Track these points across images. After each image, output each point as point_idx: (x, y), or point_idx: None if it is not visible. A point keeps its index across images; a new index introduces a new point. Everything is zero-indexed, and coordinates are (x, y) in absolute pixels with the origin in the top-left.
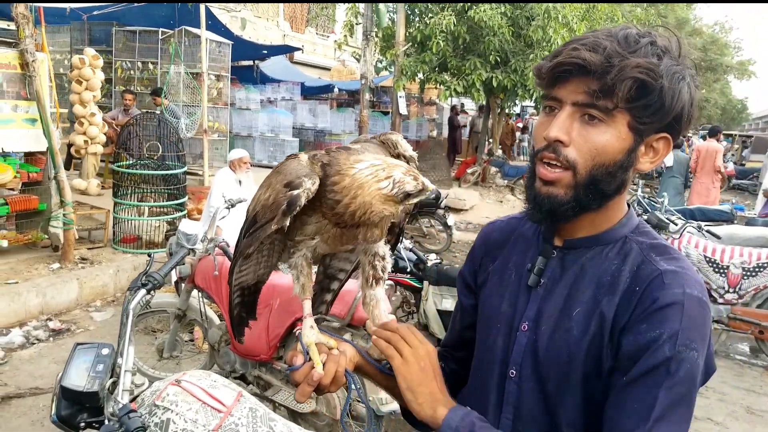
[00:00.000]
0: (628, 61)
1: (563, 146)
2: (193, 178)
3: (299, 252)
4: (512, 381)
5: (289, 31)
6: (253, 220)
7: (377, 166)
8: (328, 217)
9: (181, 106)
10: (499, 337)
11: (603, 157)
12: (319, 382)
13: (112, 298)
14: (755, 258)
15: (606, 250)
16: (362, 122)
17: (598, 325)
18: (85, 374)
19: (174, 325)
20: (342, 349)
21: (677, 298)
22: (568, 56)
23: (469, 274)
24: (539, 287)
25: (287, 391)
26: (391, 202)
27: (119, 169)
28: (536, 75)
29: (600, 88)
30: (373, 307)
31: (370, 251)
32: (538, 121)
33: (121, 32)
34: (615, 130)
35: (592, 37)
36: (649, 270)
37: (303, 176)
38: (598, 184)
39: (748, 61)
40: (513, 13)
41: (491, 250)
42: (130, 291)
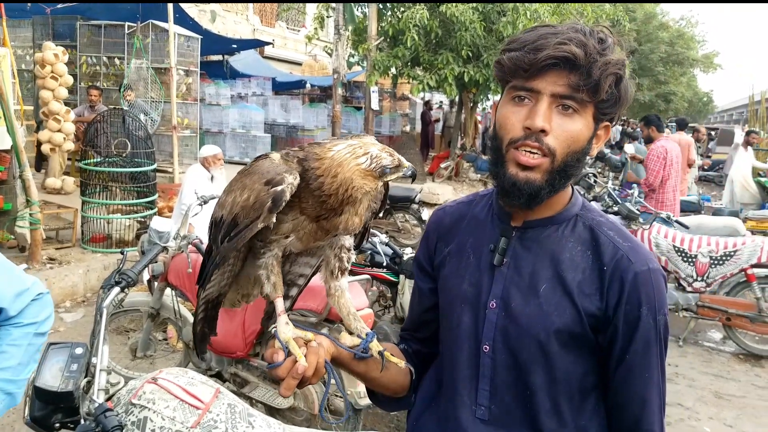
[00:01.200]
0: (607, 57)
1: (544, 135)
2: (163, 176)
3: (270, 252)
4: (486, 355)
5: (259, 25)
6: (232, 224)
7: (354, 145)
8: (307, 212)
9: (149, 102)
10: (464, 315)
11: (576, 145)
12: (303, 374)
13: (82, 298)
14: (722, 247)
15: (561, 228)
16: (335, 118)
17: (567, 300)
18: (59, 374)
19: (147, 324)
20: (318, 341)
21: (646, 276)
22: (559, 50)
23: (425, 259)
24: (503, 266)
25: (264, 388)
26: (371, 177)
27: (86, 167)
28: (511, 65)
29: (585, 82)
30: (338, 297)
31: (337, 244)
32: (505, 109)
33: (85, 27)
34: (585, 120)
35: (569, 32)
36: (611, 249)
37: (283, 172)
38: (568, 170)
39: (713, 54)
40: (485, 8)
41: (444, 234)
42: (103, 289)
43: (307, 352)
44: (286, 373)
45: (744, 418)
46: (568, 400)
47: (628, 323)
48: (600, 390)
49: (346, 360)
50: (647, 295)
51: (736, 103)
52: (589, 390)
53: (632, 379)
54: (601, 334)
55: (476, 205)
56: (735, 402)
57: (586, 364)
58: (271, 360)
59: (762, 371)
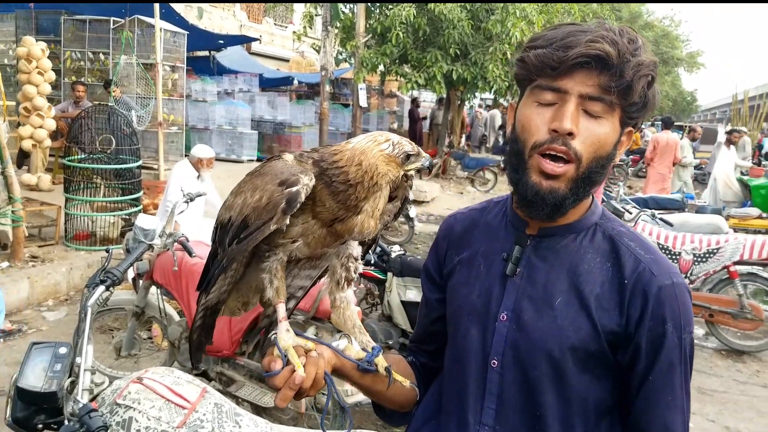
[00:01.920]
0: (640, 58)
1: (571, 138)
2: (148, 173)
3: (275, 256)
4: (494, 371)
5: (246, 21)
6: (242, 226)
7: (373, 134)
8: (321, 216)
9: (135, 98)
10: (472, 327)
11: (601, 150)
12: (300, 385)
13: (65, 296)
14: (705, 244)
15: (579, 237)
16: (323, 114)
17: (584, 315)
18: (43, 374)
19: (132, 323)
20: (319, 351)
21: (670, 290)
22: (591, 48)
23: (434, 268)
24: (516, 276)
25: (251, 387)
26: (394, 164)
27: (70, 163)
28: (538, 63)
29: (617, 83)
30: (344, 309)
31: (344, 252)
32: (528, 110)
33: (70, 21)
34: (612, 124)
35: (600, 30)
36: (632, 262)
37: (298, 173)
38: (592, 176)
39: (697, 53)
40: (473, 7)
41: (455, 241)
42: (88, 288)
43: (306, 362)
44: (283, 382)
45: (726, 413)
46: (581, 423)
47: (652, 341)
48: (616, 412)
49: (349, 372)
50: (672, 311)
51: (719, 102)
52: (604, 412)
53: (655, 403)
54: (621, 352)
55: (489, 212)
56: (717, 397)
57: (602, 384)
58: (269, 368)
59: (743, 367)
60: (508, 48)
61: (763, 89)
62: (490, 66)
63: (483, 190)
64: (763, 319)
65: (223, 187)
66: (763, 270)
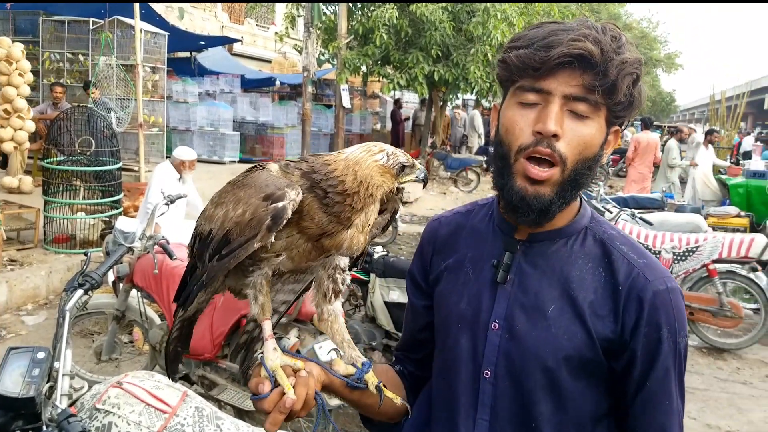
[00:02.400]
0: (624, 56)
1: (555, 140)
2: (129, 174)
3: (259, 270)
4: (487, 381)
5: (227, 22)
6: (223, 241)
7: (367, 145)
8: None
9: (114, 99)
10: (462, 336)
11: (588, 152)
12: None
13: (44, 300)
14: (684, 243)
15: (570, 242)
16: (305, 115)
17: (578, 323)
18: (20, 380)
19: (112, 327)
20: (308, 369)
21: (665, 296)
22: (573, 47)
23: (419, 273)
24: (506, 283)
25: (233, 390)
26: (389, 175)
27: (49, 165)
28: (519, 64)
29: (601, 82)
30: (332, 322)
31: (331, 264)
32: (511, 112)
33: (48, 22)
34: (597, 124)
35: (582, 29)
36: (625, 267)
37: (285, 187)
38: (578, 179)
39: (675, 54)
40: (454, 8)
41: (441, 246)
42: (67, 292)
43: (296, 382)
44: (273, 406)
45: (707, 410)
46: (576, 430)
47: (648, 348)
48: (610, 419)
49: (338, 388)
50: (667, 317)
51: (698, 102)
52: (599, 418)
53: (652, 408)
54: (616, 359)
55: (475, 215)
56: (698, 395)
57: (596, 390)
58: (256, 391)
59: (724, 364)
60: (489, 49)
61: (740, 89)
62: (472, 67)
63: (466, 190)
64: (742, 316)
65: (204, 188)
66: (742, 268)
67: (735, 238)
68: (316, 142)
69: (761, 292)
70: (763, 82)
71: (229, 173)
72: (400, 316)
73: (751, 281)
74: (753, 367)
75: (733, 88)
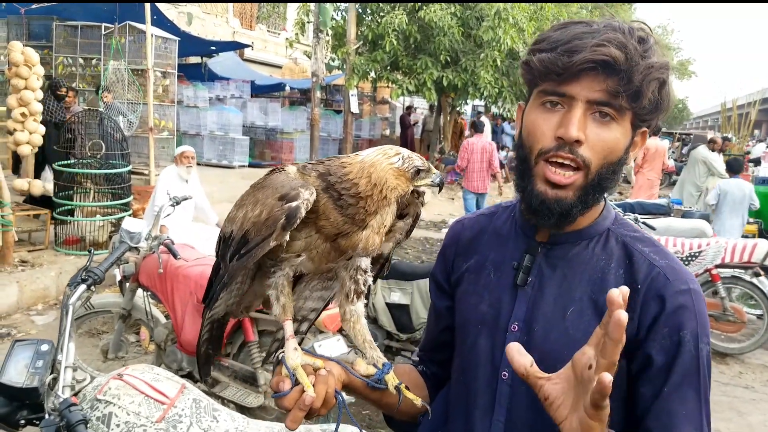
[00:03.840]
0: (650, 61)
1: (578, 145)
2: (139, 178)
3: (281, 271)
4: (504, 383)
5: (239, 28)
6: (242, 241)
7: (383, 148)
8: (326, 230)
9: (126, 104)
10: (481, 338)
11: (612, 156)
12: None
13: (54, 301)
14: (687, 248)
15: (591, 244)
16: (314, 121)
17: (596, 325)
18: (24, 371)
19: (119, 326)
20: (329, 368)
21: (687, 297)
22: (597, 53)
23: (442, 275)
24: (527, 286)
25: (235, 387)
26: (404, 178)
27: (60, 168)
28: (542, 68)
29: (625, 87)
30: (354, 323)
31: (353, 265)
32: (534, 115)
33: (61, 27)
34: (622, 128)
35: (607, 31)
36: (646, 267)
37: (299, 187)
38: (602, 182)
39: (688, 61)
40: (463, 14)
41: (463, 249)
42: (70, 287)
43: (316, 381)
44: (293, 404)
45: None
46: None
47: (666, 350)
48: (626, 422)
49: (359, 388)
50: (689, 319)
51: (710, 110)
52: (615, 423)
53: (668, 416)
54: (632, 360)
55: (498, 217)
56: None
57: (613, 394)
58: (277, 388)
59: (726, 368)
60: (499, 55)
61: (752, 97)
62: (481, 72)
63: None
64: (745, 321)
65: (213, 192)
66: (745, 273)
67: (738, 243)
68: (325, 147)
69: (764, 297)
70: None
71: (238, 177)
72: (401, 317)
73: (755, 286)
74: (755, 371)
75: (745, 96)
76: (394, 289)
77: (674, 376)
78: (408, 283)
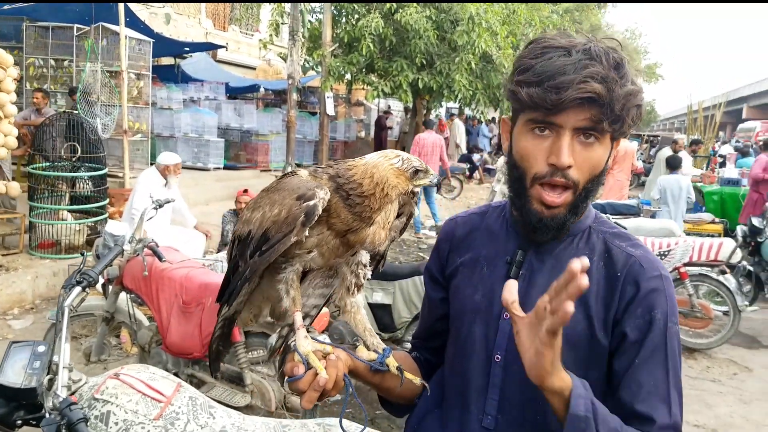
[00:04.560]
0: (627, 89)
1: (569, 169)
2: (114, 181)
3: (291, 267)
4: (497, 365)
5: (211, 29)
6: (262, 239)
7: (385, 152)
8: (336, 227)
9: (99, 106)
10: (475, 326)
11: (596, 171)
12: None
13: (30, 305)
14: (657, 247)
15: (575, 240)
16: (290, 122)
17: (580, 310)
18: (22, 371)
19: (102, 329)
20: (336, 354)
21: (658, 282)
22: (582, 90)
23: (436, 268)
24: (518, 279)
25: (221, 387)
26: (403, 178)
27: (34, 171)
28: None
29: (607, 116)
30: (354, 313)
31: (354, 260)
32: (525, 140)
33: (32, 28)
34: (604, 146)
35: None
36: (624, 257)
37: (315, 188)
38: (589, 192)
39: (655, 65)
40: (438, 17)
41: (457, 244)
42: (65, 289)
43: (326, 365)
44: (308, 385)
45: None
46: None
47: (639, 327)
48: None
49: (362, 372)
50: (660, 301)
51: (677, 112)
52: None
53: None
54: (609, 337)
55: (489, 216)
56: None
57: (597, 370)
58: (291, 373)
59: (694, 363)
60: (473, 58)
61: (716, 100)
62: (456, 76)
63: (449, 197)
64: (712, 317)
65: (189, 194)
66: (712, 271)
67: (705, 242)
68: (301, 149)
69: (730, 294)
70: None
71: (213, 179)
72: (383, 317)
73: (721, 284)
74: (722, 366)
75: (711, 98)
76: (376, 289)
77: (644, 351)
78: (390, 284)
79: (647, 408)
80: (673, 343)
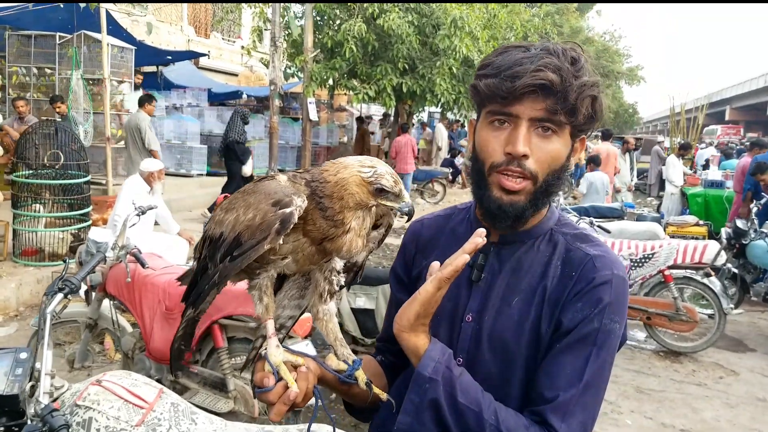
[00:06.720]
0: (582, 80)
1: (525, 159)
2: (97, 188)
3: (265, 272)
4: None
5: (193, 36)
6: (234, 243)
7: (364, 157)
8: (312, 235)
9: (82, 113)
10: (440, 328)
11: (556, 164)
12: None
13: (14, 312)
14: (641, 250)
15: (537, 242)
16: (273, 129)
17: (536, 310)
18: (4, 378)
19: (85, 335)
20: (306, 364)
21: (607, 278)
22: (535, 77)
23: (402, 270)
24: (481, 281)
25: (204, 394)
26: (365, 190)
27: (17, 179)
28: (489, 93)
29: (562, 105)
30: (326, 321)
31: (327, 266)
32: (484, 133)
33: (14, 36)
34: (563, 140)
35: (543, 55)
36: (580, 256)
37: (292, 194)
38: (549, 188)
39: (637, 67)
40: (420, 22)
41: (423, 246)
42: (47, 296)
43: (297, 377)
44: (277, 398)
45: (663, 410)
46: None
47: (574, 318)
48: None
49: (330, 381)
50: (603, 296)
51: (660, 114)
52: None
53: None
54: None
55: (454, 218)
56: (654, 396)
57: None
58: (261, 384)
59: (680, 367)
60: (454, 63)
61: (698, 102)
62: (438, 80)
63: (432, 201)
64: (697, 320)
65: (172, 201)
66: (696, 273)
67: (689, 244)
68: (284, 155)
69: (715, 297)
70: (723, 94)
71: (196, 186)
72: (366, 322)
73: (706, 287)
74: (708, 369)
75: (694, 100)
76: (359, 294)
77: (569, 338)
78: (373, 288)
79: (551, 392)
80: (604, 339)
